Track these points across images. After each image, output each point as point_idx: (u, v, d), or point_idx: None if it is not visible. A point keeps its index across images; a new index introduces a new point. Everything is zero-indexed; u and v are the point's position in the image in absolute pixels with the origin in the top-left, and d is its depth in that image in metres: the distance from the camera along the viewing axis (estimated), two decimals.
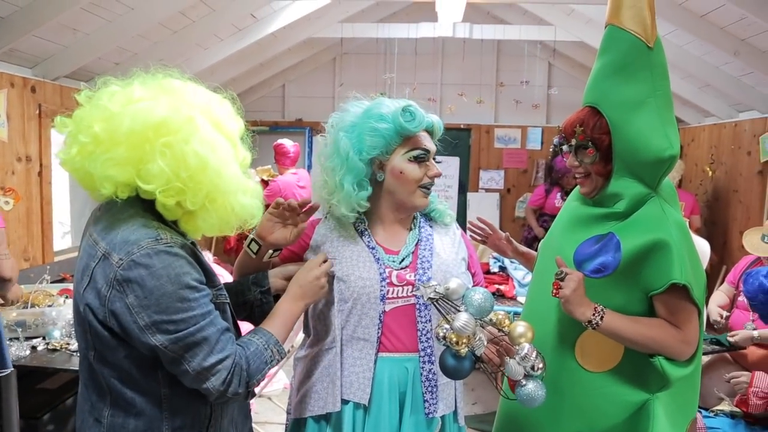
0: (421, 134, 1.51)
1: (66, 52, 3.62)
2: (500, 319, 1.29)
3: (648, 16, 1.41)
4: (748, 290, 2.36)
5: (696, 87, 5.15)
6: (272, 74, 6.31)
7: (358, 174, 1.46)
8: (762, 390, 2.15)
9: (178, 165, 1.07)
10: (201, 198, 1.11)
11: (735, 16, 3.62)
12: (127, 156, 1.06)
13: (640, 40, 1.41)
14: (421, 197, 1.52)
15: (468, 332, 1.24)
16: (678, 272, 1.36)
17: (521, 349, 1.26)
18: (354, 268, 1.48)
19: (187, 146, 1.07)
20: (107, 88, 1.13)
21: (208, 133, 1.12)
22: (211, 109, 1.16)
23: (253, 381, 1.20)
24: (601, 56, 1.49)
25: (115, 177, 1.07)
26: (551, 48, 6.02)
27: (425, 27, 5.42)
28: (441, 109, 6.59)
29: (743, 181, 4.79)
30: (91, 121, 1.08)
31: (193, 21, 4.11)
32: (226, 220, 1.17)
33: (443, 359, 1.28)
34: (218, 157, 1.12)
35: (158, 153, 1.06)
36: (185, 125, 1.08)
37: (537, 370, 1.26)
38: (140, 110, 1.07)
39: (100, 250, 1.10)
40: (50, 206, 3.77)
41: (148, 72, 1.17)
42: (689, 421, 1.53)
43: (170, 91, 1.13)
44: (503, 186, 6.70)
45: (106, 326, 1.10)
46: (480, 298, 1.27)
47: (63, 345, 2.56)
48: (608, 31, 1.47)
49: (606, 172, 1.47)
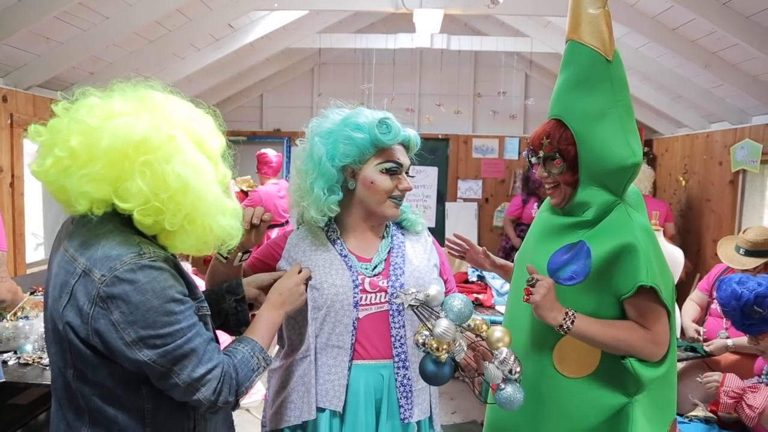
0: (396, 147, 1.53)
1: (39, 62, 3.56)
2: (478, 324, 1.31)
3: (606, 30, 1.47)
4: (721, 297, 2.41)
5: (669, 98, 5.26)
6: (250, 84, 6.29)
7: (329, 179, 1.48)
8: (733, 390, 2.19)
9: (158, 185, 1.05)
10: (180, 219, 1.09)
11: (705, 30, 3.72)
12: (104, 173, 1.04)
13: (599, 54, 1.46)
14: (391, 208, 1.54)
15: (449, 338, 1.25)
16: (645, 275, 1.40)
17: (499, 354, 1.27)
18: (327, 275, 1.49)
19: (168, 166, 1.05)
20: (86, 99, 1.10)
21: (190, 154, 1.09)
22: (193, 127, 1.14)
23: (242, 389, 1.19)
24: (564, 70, 1.54)
25: (91, 193, 1.05)
26: (528, 59, 6.11)
27: (403, 38, 5.46)
28: (419, 120, 6.63)
29: (715, 191, 4.89)
30: (68, 134, 1.05)
31: (170, 30, 4.08)
32: (204, 241, 1.15)
33: (423, 366, 1.29)
34: (200, 179, 1.09)
35: (137, 172, 1.04)
36: (166, 144, 1.06)
37: (515, 374, 1.28)
38: (120, 126, 1.05)
39: (79, 266, 1.07)
40: (22, 218, 3.69)
41: (129, 83, 1.14)
42: (670, 421, 1.57)
43: (151, 107, 1.10)
44: (481, 195, 6.75)
45: (88, 344, 1.07)
46: (460, 304, 1.29)
47: (35, 359, 2.50)
48: (569, 46, 1.53)
49: (573, 181, 1.52)
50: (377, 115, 1.50)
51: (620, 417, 1.48)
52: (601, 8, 1.48)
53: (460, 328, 1.30)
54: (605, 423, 1.49)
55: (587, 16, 1.48)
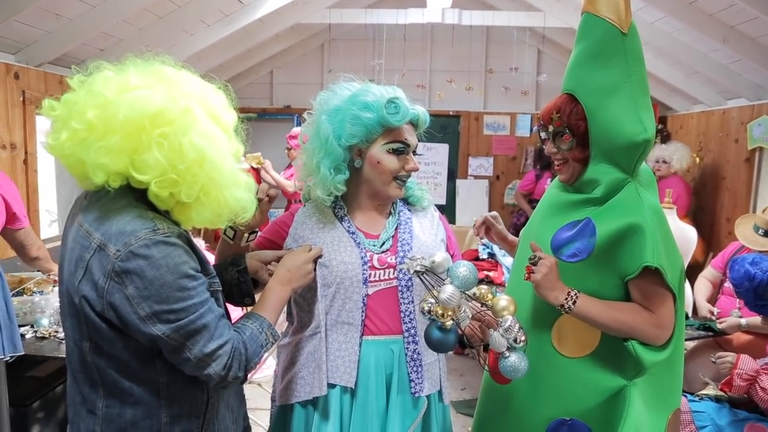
0: (404, 127, 1.52)
1: (49, 38, 3.56)
2: (483, 293, 1.32)
3: (622, 3, 1.43)
4: (734, 277, 2.39)
5: (684, 74, 5.17)
6: (260, 60, 6.26)
7: (336, 159, 1.48)
8: (746, 372, 2.18)
9: (175, 157, 1.06)
10: (196, 191, 1.10)
11: (724, 3, 3.62)
12: (121, 145, 1.04)
13: (614, 27, 1.43)
14: (395, 188, 1.54)
15: (453, 304, 1.26)
16: (650, 255, 1.38)
17: (504, 322, 1.28)
18: (335, 253, 1.49)
19: (185, 138, 1.06)
20: (101, 73, 1.10)
21: (205, 125, 1.10)
22: (207, 100, 1.14)
23: (251, 364, 1.21)
24: (578, 44, 1.51)
25: (108, 165, 1.05)
26: (540, 34, 6.00)
27: (414, 13, 5.38)
28: (430, 96, 6.57)
29: (730, 169, 4.83)
30: (84, 107, 1.05)
31: (179, 6, 4.05)
32: (219, 213, 1.16)
33: (428, 332, 1.30)
34: (216, 150, 1.10)
35: (155, 143, 1.04)
36: (182, 116, 1.07)
37: (519, 343, 1.29)
38: (137, 98, 1.05)
39: (94, 241, 1.08)
40: (36, 194, 3.73)
41: (142, 58, 1.14)
42: (671, 410, 1.54)
43: (166, 80, 1.10)
44: (492, 173, 6.71)
45: (103, 318, 1.09)
46: (465, 270, 1.29)
47: (51, 333, 2.55)
48: (584, 18, 1.49)
49: (583, 158, 1.49)
50: (386, 93, 1.48)
51: (617, 400, 1.47)
52: None
53: (466, 296, 1.30)
54: (602, 405, 1.48)
55: None
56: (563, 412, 1.52)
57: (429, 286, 1.32)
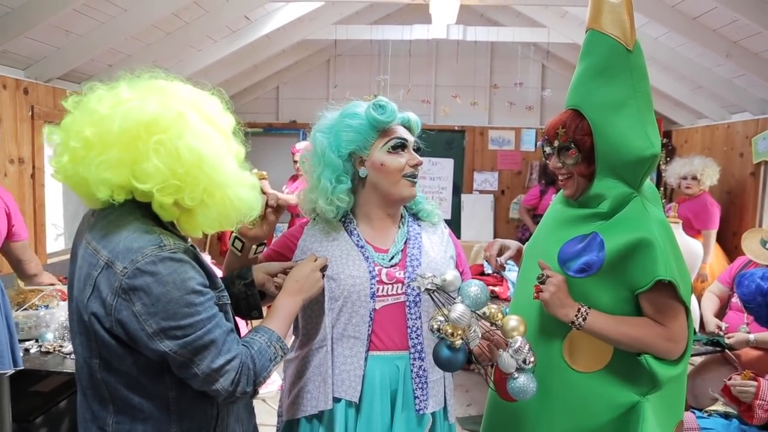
0: (397, 126, 1.54)
1: (58, 54, 3.61)
2: (493, 313, 1.31)
3: (627, 20, 1.45)
4: (743, 293, 2.36)
5: (689, 89, 5.18)
6: (266, 76, 6.31)
7: (335, 169, 1.50)
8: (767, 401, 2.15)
9: (173, 161, 1.06)
10: (199, 193, 1.10)
11: (727, 19, 3.64)
12: (120, 157, 1.05)
13: (619, 44, 1.44)
14: (407, 187, 1.54)
15: (464, 323, 1.25)
16: (663, 269, 1.37)
17: (514, 342, 1.27)
18: (344, 266, 1.49)
19: (181, 141, 1.07)
20: (94, 92, 1.12)
21: (199, 127, 1.11)
22: (201, 105, 1.15)
23: (260, 379, 1.21)
24: (583, 60, 1.52)
25: (110, 180, 1.06)
26: (545, 50, 6.03)
27: (419, 29, 5.43)
28: (435, 111, 6.60)
29: (736, 183, 4.81)
30: (81, 126, 1.07)
31: (187, 23, 4.10)
32: (226, 215, 1.16)
33: (437, 351, 1.29)
34: (213, 149, 1.11)
35: (152, 151, 1.05)
36: (176, 121, 1.08)
37: (529, 364, 1.27)
38: (130, 109, 1.07)
39: (102, 258, 1.09)
40: (43, 208, 3.75)
41: (134, 74, 1.16)
42: (677, 422, 1.53)
43: (158, 90, 1.12)
44: (497, 188, 6.71)
45: (112, 334, 1.09)
46: (476, 290, 1.28)
47: (56, 347, 2.55)
48: (589, 35, 1.51)
49: (589, 173, 1.50)
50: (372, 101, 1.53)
51: (630, 416, 1.44)
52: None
53: (476, 315, 1.29)
54: (615, 421, 1.46)
55: (608, 5, 1.46)
56: (576, 427, 1.49)
57: (439, 304, 1.31)
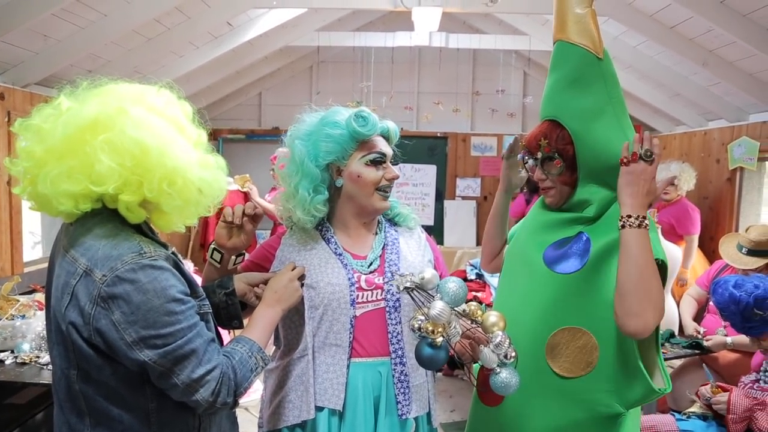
0: (377, 138, 1.54)
1: (37, 59, 3.56)
2: (473, 310, 1.31)
3: (594, 29, 1.47)
4: (718, 301, 2.39)
5: (667, 96, 5.27)
6: (248, 82, 6.28)
7: (313, 179, 1.49)
8: (738, 415, 2.19)
9: (121, 156, 1.05)
10: (156, 183, 1.08)
11: (702, 28, 3.72)
12: (72, 165, 1.05)
13: (590, 53, 1.46)
14: (379, 200, 1.54)
15: (443, 320, 1.25)
16: (657, 250, 1.37)
17: (494, 337, 1.27)
18: (323, 274, 1.49)
19: (124, 135, 1.06)
20: (40, 112, 1.12)
21: (143, 119, 1.09)
22: (144, 98, 1.13)
23: (241, 389, 1.19)
24: (554, 71, 1.53)
25: (69, 190, 1.05)
26: (526, 57, 6.10)
27: (402, 36, 5.45)
28: (418, 118, 6.63)
29: (713, 189, 4.90)
30: (31, 146, 1.08)
31: (168, 28, 4.07)
32: (194, 201, 1.14)
33: (419, 350, 1.29)
34: (156, 135, 1.08)
35: (100, 151, 1.04)
36: (117, 117, 1.07)
37: (510, 358, 1.27)
38: (70, 117, 1.07)
39: (80, 266, 1.07)
40: (20, 215, 3.68)
41: (80, 84, 1.16)
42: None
43: (99, 93, 1.12)
44: (480, 194, 6.75)
45: (91, 344, 1.08)
46: (454, 286, 1.29)
47: (32, 358, 2.50)
48: (558, 47, 1.52)
49: (572, 181, 1.51)
50: (353, 111, 1.51)
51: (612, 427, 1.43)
52: (588, 7, 1.47)
53: (456, 313, 1.30)
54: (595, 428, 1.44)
55: (574, 15, 1.47)
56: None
57: (419, 303, 1.31)
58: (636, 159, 1.38)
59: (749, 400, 2.21)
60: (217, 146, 6.63)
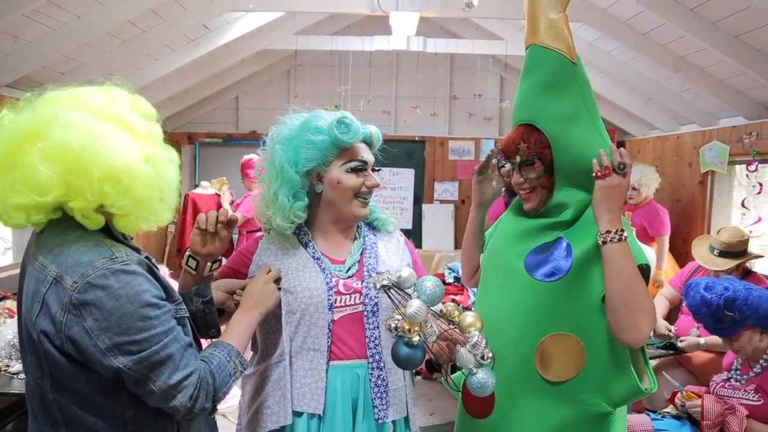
0: (359, 145, 1.53)
1: (7, 61, 3.48)
2: (450, 311, 1.31)
3: (567, 34, 1.48)
4: (690, 303, 2.42)
5: (641, 101, 5.37)
6: (226, 86, 6.23)
7: (293, 186, 1.48)
8: (712, 420, 2.23)
9: (55, 163, 1.02)
10: (97, 185, 1.03)
11: (674, 35, 3.80)
12: (15, 178, 1.02)
13: (564, 57, 1.46)
14: (358, 207, 1.53)
15: (420, 318, 1.25)
16: (639, 255, 1.39)
17: (471, 337, 1.27)
18: (300, 279, 1.48)
19: (53, 141, 1.02)
20: None
21: (69, 121, 1.05)
22: (82, 100, 1.10)
23: (219, 395, 1.18)
24: (528, 75, 1.53)
25: (17, 203, 1.03)
26: (503, 62, 6.17)
27: (379, 40, 5.47)
28: (395, 122, 6.64)
29: (685, 191, 5.00)
30: None
31: (144, 31, 4.02)
32: (148, 198, 1.10)
33: (396, 349, 1.29)
34: (84, 136, 1.04)
35: (37, 161, 1.01)
36: (51, 123, 1.04)
37: (487, 359, 1.27)
38: (10, 129, 1.05)
39: (50, 274, 1.05)
40: None
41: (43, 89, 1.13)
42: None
43: (38, 102, 1.09)
44: (458, 197, 6.79)
45: (63, 352, 1.05)
46: (431, 284, 1.28)
47: (2, 367, 2.44)
48: (531, 51, 1.52)
49: (550, 184, 1.51)
50: (336, 116, 1.50)
51: (602, 427, 1.44)
52: (561, 12, 1.48)
53: (433, 313, 1.30)
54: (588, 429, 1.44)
55: (548, 20, 1.48)
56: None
57: (395, 301, 1.31)
58: (609, 173, 1.39)
59: (720, 405, 2.26)
60: (194, 150, 6.57)
